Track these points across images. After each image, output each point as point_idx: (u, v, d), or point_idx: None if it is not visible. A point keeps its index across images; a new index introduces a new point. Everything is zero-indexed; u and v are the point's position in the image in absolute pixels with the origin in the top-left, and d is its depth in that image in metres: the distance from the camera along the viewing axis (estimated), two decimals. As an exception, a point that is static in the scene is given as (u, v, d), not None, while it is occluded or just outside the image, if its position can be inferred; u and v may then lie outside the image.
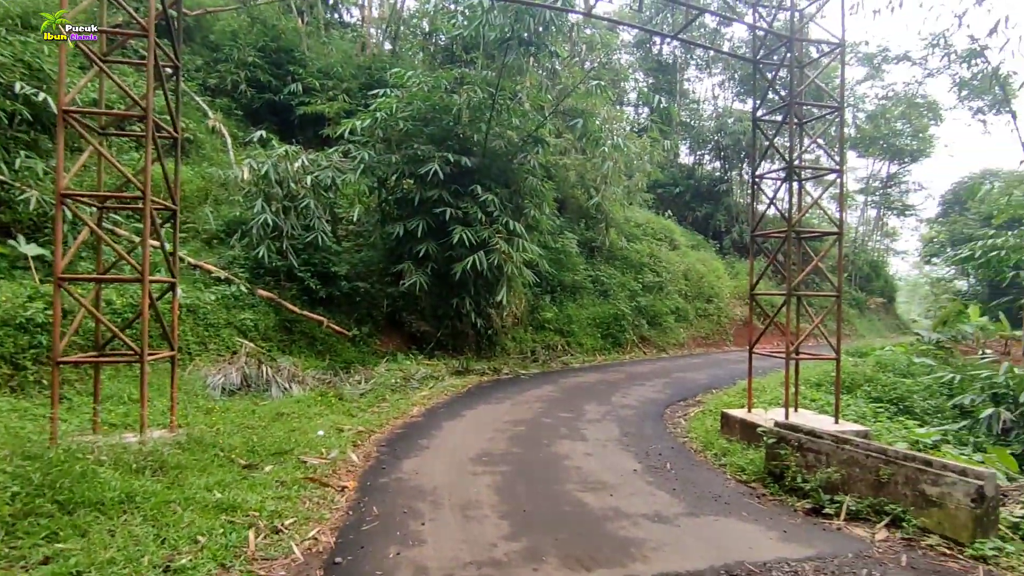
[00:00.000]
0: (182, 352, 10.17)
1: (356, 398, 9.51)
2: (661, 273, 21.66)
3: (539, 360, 15.77)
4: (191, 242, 12.97)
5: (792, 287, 7.83)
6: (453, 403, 9.93)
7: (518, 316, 16.80)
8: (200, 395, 8.19)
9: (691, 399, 11.49)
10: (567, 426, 8.49)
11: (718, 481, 6.11)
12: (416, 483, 5.66)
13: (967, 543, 4.29)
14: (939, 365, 13.41)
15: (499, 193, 13.84)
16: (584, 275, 19.52)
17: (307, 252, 13.02)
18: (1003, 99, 36.51)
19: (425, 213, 13.44)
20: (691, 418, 9.53)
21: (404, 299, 14.04)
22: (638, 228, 23.62)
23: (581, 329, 17.94)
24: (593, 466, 6.47)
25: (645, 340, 19.43)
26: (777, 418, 7.64)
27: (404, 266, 13.32)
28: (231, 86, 17.81)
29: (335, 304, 13.45)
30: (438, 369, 12.55)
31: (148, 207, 5.61)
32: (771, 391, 10.85)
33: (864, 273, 35.68)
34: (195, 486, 4.78)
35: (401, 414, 8.76)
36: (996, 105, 36.84)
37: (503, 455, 6.82)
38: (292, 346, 12.16)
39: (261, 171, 12.37)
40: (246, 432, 6.61)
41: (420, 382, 11.33)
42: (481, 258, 12.68)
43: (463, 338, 14.75)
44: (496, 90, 13.45)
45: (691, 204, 29.56)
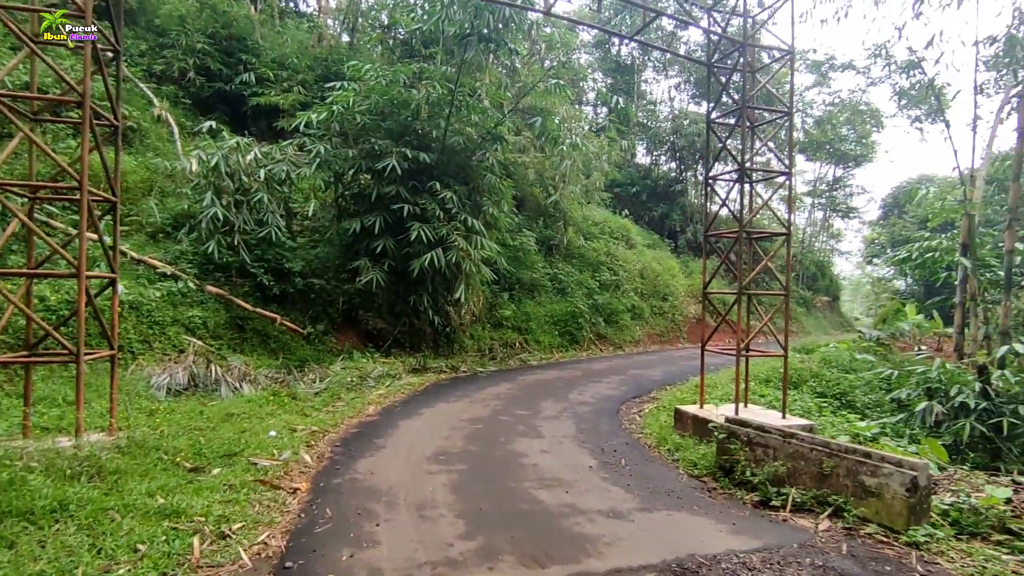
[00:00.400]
0: (124, 351, 9.73)
1: (310, 397, 9.29)
2: (618, 271, 21.96)
3: (497, 358, 15.76)
4: (135, 236, 12.44)
5: (743, 286, 8.02)
6: (410, 401, 9.82)
7: (476, 314, 16.76)
8: (143, 396, 7.85)
9: (646, 396, 11.68)
10: (524, 424, 8.51)
11: (671, 476, 6.23)
12: (371, 483, 5.57)
13: (902, 531, 4.49)
14: (879, 361, 14.04)
15: (458, 190, 13.76)
16: (542, 273, 19.62)
17: (260, 248, 12.65)
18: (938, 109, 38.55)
19: (383, 209, 13.25)
20: (646, 414, 9.69)
21: (361, 296, 13.81)
22: (596, 227, 23.89)
23: (539, 327, 18.02)
24: (550, 463, 6.51)
25: (602, 338, 19.67)
26: (728, 414, 7.84)
27: (361, 263, 13.10)
28: (178, 73, 17.13)
29: (289, 301, 13.12)
30: (395, 367, 12.39)
31: (85, 198, 5.32)
32: (723, 387, 11.14)
33: (811, 273, 37.07)
34: (136, 492, 4.56)
35: (357, 413, 8.60)
36: (932, 114, 38.83)
37: (460, 453, 6.78)
38: (244, 344, 11.80)
39: (211, 163, 11.93)
40: (193, 434, 6.36)
41: (377, 380, 11.16)
42: (439, 255, 12.58)
43: (421, 336, 14.61)
44: (455, 86, 13.35)
45: (647, 204, 30.07)
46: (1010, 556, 4.24)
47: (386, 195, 13.19)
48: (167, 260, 11.78)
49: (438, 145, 14.08)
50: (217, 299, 11.65)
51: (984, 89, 25.71)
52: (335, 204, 14.78)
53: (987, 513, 4.70)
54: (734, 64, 8.24)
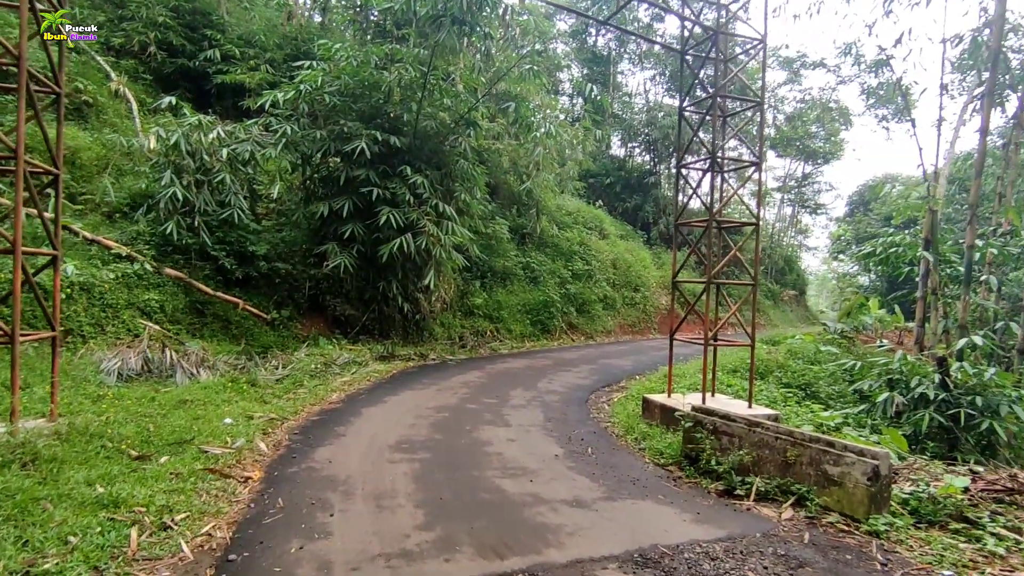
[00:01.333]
0: (73, 335, 9.31)
1: (271, 384, 9.00)
2: (590, 261, 21.94)
3: (467, 346, 15.60)
4: (90, 216, 11.93)
5: (711, 276, 8.00)
6: (376, 389, 9.60)
7: (447, 301, 16.55)
8: (91, 381, 7.48)
9: (615, 385, 11.66)
10: (491, 412, 8.37)
11: (637, 465, 6.17)
12: (328, 473, 5.37)
13: (863, 519, 4.49)
14: (842, 353, 14.29)
15: (429, 175, 13.49)
16: (515, 261, 19.48)
17: (222, 230, 12.23)
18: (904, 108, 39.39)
19: (352, 193, 12.92)
20: (614, 403, 9.65)
21: (328, 282, 13.48)
22: (569, 216, 23.81)
23: (511, 315, 17.90)
24: (515, 452, 6.39)
25: (573, 327, 19.65)
26: (695, 403, 7.83)
27: (328, 247, 12.77)
28: (139, 48, 16.45)
29: (253, 286, 12.74)
30: (362, 354, 12.13)
31: (21, 167, 4.97)
32: (690, 377, 11.17)
33: (779, 267, 37.69)
34: (72, 481, 4.29)
35: (319, 401, 8.36)
36: (898, 114, 39.69)
37: (423, 442, 6.61)
38: (204, 329, 11.43)
39: (170, 140, 11.45)
40: (141, 421, 6.06)
41: (342, 368, 10.90)
42: (409, 240, 12.33)
43: (390, 323, 14.36)
44: (428, 69, 13.05)
45: (621, 195, 30.12)
46: (967, 544, 4.26)
47: (355, 179, 12.86)
48: (123, 241, 11.30)
49: (410, 129, 13.78)
50: (175, 282, 11.23)
51: (949, 89, 26.30)
52: (302, 187, 14.37)
53: (945, 502, 4.73)
54: (706, 53, 8.15)
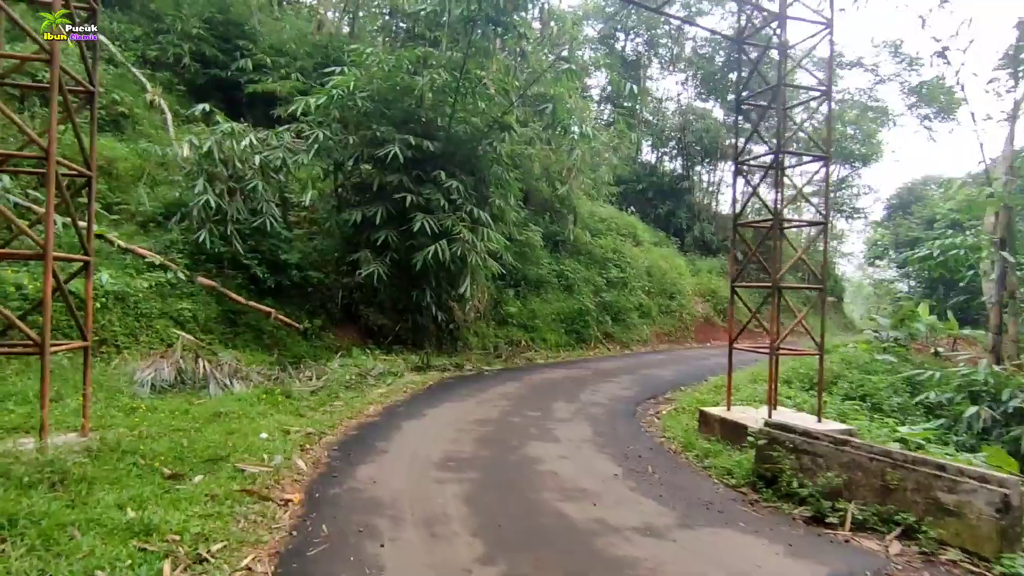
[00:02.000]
0: (108, 345, 9.12)
1: (306, 396, 8.66)
2: (625, 269, 21.35)
3: (502, 356, 15.15)
4: (125, 225, 11.84)
5: (777, 280, 7.43)
6: (413, 401, 9.19)
7: (481, 310, 16.16)
8: (125, 393, 7.21)
9: (660, 396, 11.07)
10: (537, 426, 7.89)
11: (706, 486, 5.62)
12: (373, 494, 4.95)
13: (992, 558, 3.89)
14: (900, 362, 13.44)
15: (464, 181, 13.14)
16: (548, 269, 19.01)
17: (254, 238, 12.03)
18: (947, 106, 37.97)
19: (385, 199, 12.63)
20: (665, 416, 9.08)
21: (361, 291, 13.20)
22: (602, 223, 23.27)
23: (545, 324, 17.42)
24: (570, 470, 5.89)
25: (609, 336, 19.07)
26: (757, 416, 7.24)
27: (361, 255, 12.48)
28: (173, 60, 16.51)
29: (285, 295, 12.50)
30: (397, 365, 11.77)
31: (52, 169, 4.69)
32: (744, 388, 10.53)
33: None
34: (103, 504, 3.94)
35: (356, 414, 7.97)
36: (941, 112, 38.34)
37: (470, 459, 6.16)
38: (236, 339, 11.19)
39: (203, 148, 11.31)
40: (175, 435, 5.73)
41: (377, 379, 10.54)
42: (444, 247, 11.95)
43: (423, 332, 13.99)
44: (461, 72, 12.72)
45: (653, 201, 29.46)
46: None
47: (388, 184, 12.57)
48: (156, 250, 11.16)
49: (443, 134, 13.45)
50: (208, 291, 11.03)
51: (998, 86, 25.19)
52: (334, 194, 14.15)
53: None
54: (767, 40, 7.61)
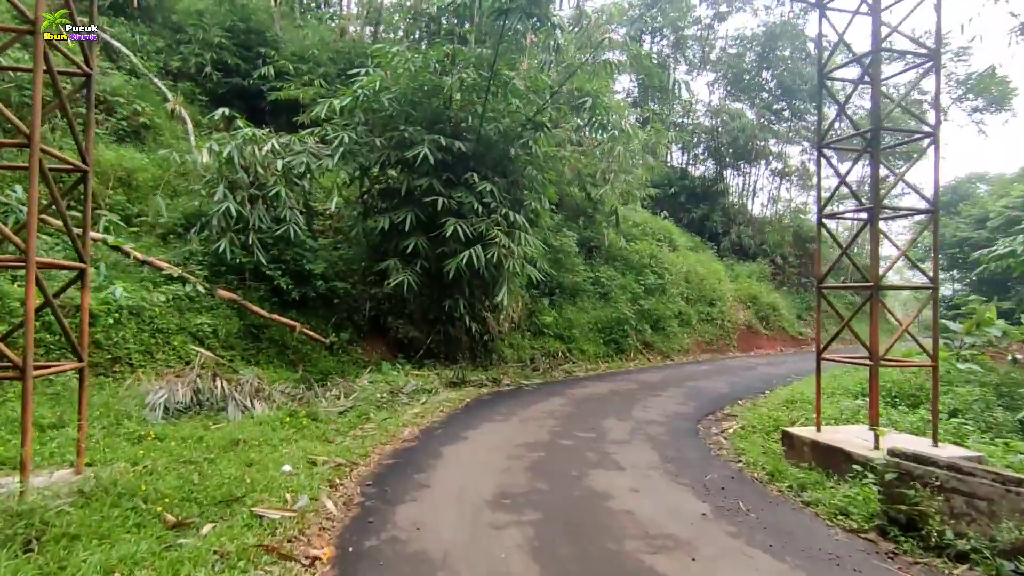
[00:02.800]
0: (122, 363, 8.43)
1: (334, 418, 7.84)
2: (663, 275, 20.29)
3: (539, 369, 14.22)
4: (145, 237, 11.25)
5: (878, 278, 6.41)
6: (451, 422, 8.31)
7: (515, 320, 15.29)
8: (134, 418, 6.47)
9: (719, 412, 10.03)
10: (593, 450, 6.95)
11: (819, 531, 4.60)
12: (418, 546, 4.05)
13: None
14: (984, 372, 12.14)
15: (497, 183, 12.32)
16: (584, 276, 18.08)
17: (277, 247, 11.35)
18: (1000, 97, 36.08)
19: (414, 204, 11.88)
20: (733, 436, 8.05)
21: (389, 301, 12.41)
22: (636, 228, 22.28)
23: (582, 335, 16.46)
24: (648, 509, 4.94)
25: (648, 346, 18.00)
26: (856, 438, 6.20)
27: (389, 264, 11.71)
28: (195, 69, 16.11)
29: (310, 307, 11.78)
30: (430, 380, 10.92)
31: (35, 160, 3.94)
32: (810, 402, 9.39)
33: (858, 276, 34.71)
34: (83, 570, 3.13)
35: (390, 438, 7.11)
36: (993, 103, 36.49)
37: (527, 495, 5.24)
38: (259, 355, 10.48)
39: (223, 154, 10.69)
40: (184, 470, 4.94)
41: (410, 397, 9.69)
42: (479, 253, 11.11)
43: (456, 345, 13.14)
44: (492, 70, 11.93)
45: (686, 205, 28.36)
46: None
47: (417, 188, 11.81)
48: (175, 261, 10.53)
49: (473, 136, 12.67)
50: (229, 304, 10.34)
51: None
52: (360, 200, 13.44)
53: None
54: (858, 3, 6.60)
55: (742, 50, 30.39)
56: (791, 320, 24.05)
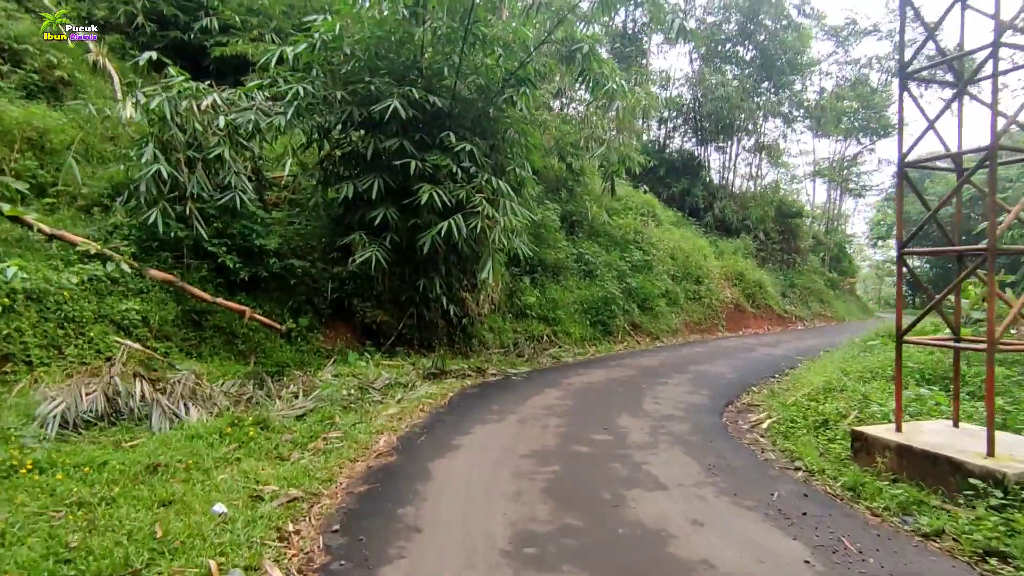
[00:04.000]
0: (16, 361, 6.70)
1: (289, 424, 6.29)
2: (648, 251, 19.10)
3: (524, 355, 12.85)
4: (63, 210, 9.38)
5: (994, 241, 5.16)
6: (436, 425, 6.85)
7: (496, 302, 13.86)
8: (13, 440, 4.80)
9: (737, 402, 8.86)
10: (618, 459, 5.62)
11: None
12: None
13: None
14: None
15: (477, 144, 10.79)
16: (567, 253, 16.71)
17: (222, 220, 9.61)
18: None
19: (381, 170, 10.28)
20: (771, 433, 6.83)
21: (355, 281, 10.81)
22: (618, 202, 20.96)
23: (568, 316, 15.14)
24: (729, 556, 3.59)
25: (636, 327, 16.83)
26: (953, 441, 5.00)
27: (354, 238, 10.13)
28: (125, 20, 13.93)
29: (262, 289, 10.11)
30: (405, 372, 9.43)
31: None
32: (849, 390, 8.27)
33: (834, 254, 34.46)
34: None
35: (361, 451, 5.61)
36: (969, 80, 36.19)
37: (556, 538, 3.85)
38: (202, 346, 8.83)
39: (152, 107, 8.84)
40: (62, 523, 3.38)
41: (383, 392, 8.18)
42: (459, 223, 9.60)
43: (432, 330, 11.65)
44: (469, 16, 10.25)
45: (666, 179, 27.18)
46: None
47: (386, 151, 10.21)
48: (95, 237, 8.72)
49: (448, 93, 11.05)
50: (164, 287, 8.60)
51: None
52: (320, 166, 11.71)
53: None
54: None
55: (721, 19, 29.20)
56: (776, 298, 23.27)
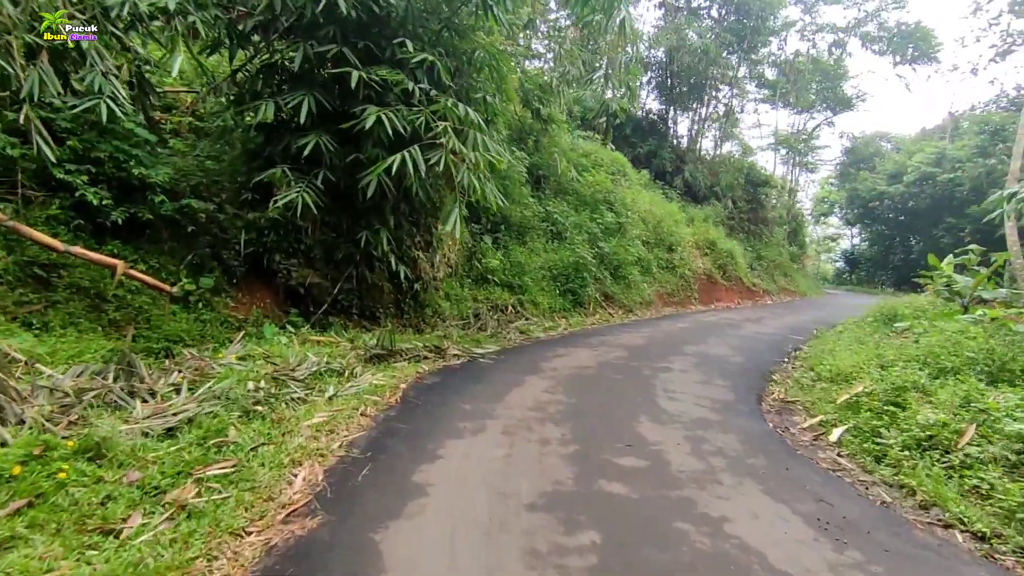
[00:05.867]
0: None
1: (149, 446, 3.94)
2: (621, 213, 17.20)
3: (487, 328, 10.73)
4: None
5: None
6: (385, 442, 4.64)
7: (452, 263, 11.62)
8: None
9: (767, 397, 7.08)
10: (676, 508, 3.64)
11: None
12: None
13: None
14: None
15: (440, 59, 8.34)
16: (534, 211, 14.57)
17: (82, 138, 6.90)
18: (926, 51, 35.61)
19: (314, 85, 7.79)
20: (854, 453, 5.02)
21: (277, 232, 8.31)
22: (586, 158, 18.86)
23: (535, 283, 13.08)
24: None
25: (609, 298, 14.99)
26: None
27: (275, 173, 7.64)
28: None
29: (148, 238, 7.51)
30: (340, 352, 7.12)
31: None
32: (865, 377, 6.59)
33: (793, 228, 33.83)
34: None
35: (263, 505, 3.32)
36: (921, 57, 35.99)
37: None
38: (51, 313, 6.26)
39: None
40: None
41: (308, 384, 5.86)
42: (415, 157, 7.25)
43: (376, 296, 9.33)
44: None
45: (632, 138, 25.27)
46: None
47: (320, 58, 7.70)
48: None
49: (403, 1, 8.48)
50: (-17, 226, 5.93)
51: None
52: (232, 80, 8.95)
53: None
54: None
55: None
56: (745, 270, 22.01)
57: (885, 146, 52.70)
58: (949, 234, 36.75)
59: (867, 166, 47.81)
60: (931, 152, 39.60)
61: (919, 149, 42.16)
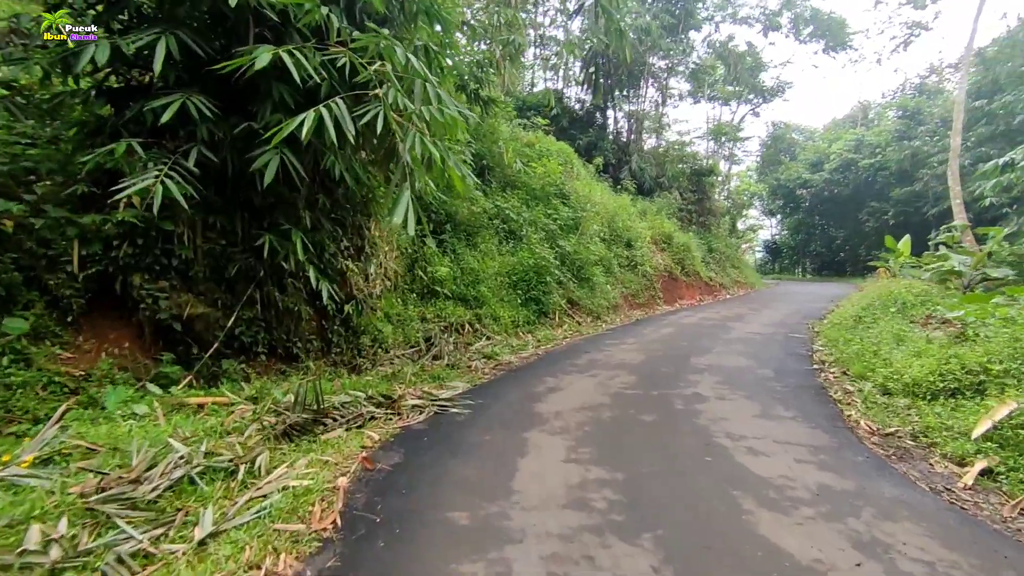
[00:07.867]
0: None
1: None
2: (576, 208, 15.20)
3: (442, 355, 8.31)
4: None
5: None
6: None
7: (390, 275, 9.11)
8: None
9: (853, 427, 5.15)
10: None
11: None
12: None
13: None
14: None
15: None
16: (482, 206, 12.26)
17: None
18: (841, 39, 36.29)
19: (175, 21, 5.22)
20: None
21: (133, 241, 5.54)
22: (530, 149, 16.75)
23: (492, 293, 10.76)
24: None
25: (574, 304, 12.89)
26: None
27: (117, 148, 4.99)
28: None
29: None
30: (235, 422, 4.51)
31: None
32: None
33: (732, 218, 33.24)
34: None
35: None
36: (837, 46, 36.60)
37: None
38: None
39: None
40: None
41: (162, 508, 3.27)
42: (338, 112, 4.79)
43: (291, 325, 6.70)
44: None
45: (570, 131, 23.47)
46: None
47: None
48: None
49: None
50: None
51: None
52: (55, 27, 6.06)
53: None
54: None
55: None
56: (701, 265, 20.64)
57: (797, 138, 54.31)
58: (872, 218, 37.61)
59: (788, 155, 48.86)
60: (851, 139, 40.65)
61: (837, 137, 43.29)
